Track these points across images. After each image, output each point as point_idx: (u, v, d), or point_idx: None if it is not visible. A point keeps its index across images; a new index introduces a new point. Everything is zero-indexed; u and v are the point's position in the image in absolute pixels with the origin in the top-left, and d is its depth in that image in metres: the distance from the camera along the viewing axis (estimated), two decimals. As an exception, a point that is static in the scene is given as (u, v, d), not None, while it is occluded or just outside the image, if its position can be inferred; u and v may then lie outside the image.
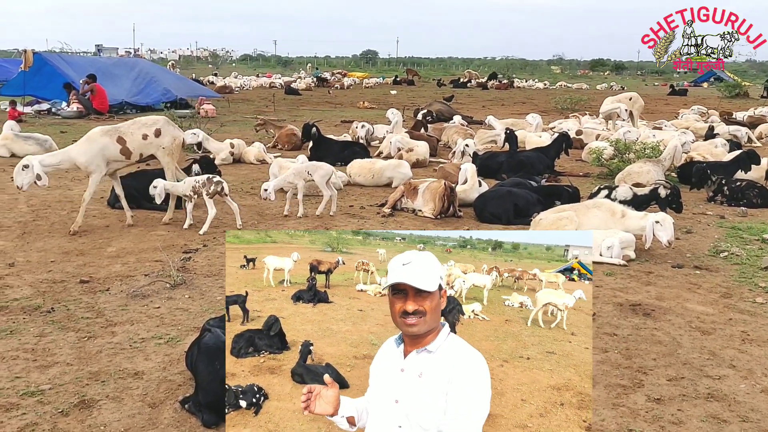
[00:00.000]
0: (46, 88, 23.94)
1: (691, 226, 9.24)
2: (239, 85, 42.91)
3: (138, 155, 8.53)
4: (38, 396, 4.30)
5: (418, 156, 13.88)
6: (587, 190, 10.65)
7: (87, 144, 8.25)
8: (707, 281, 7.00)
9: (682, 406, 4.35)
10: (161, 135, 8.57)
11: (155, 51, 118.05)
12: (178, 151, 8.89)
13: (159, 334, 5.32)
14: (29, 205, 9.74)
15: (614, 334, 5.54)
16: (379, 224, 9.16)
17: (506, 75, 58.63)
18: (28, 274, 6.78)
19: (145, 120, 8.76)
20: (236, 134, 16.94)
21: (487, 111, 26.21)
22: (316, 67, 70.83)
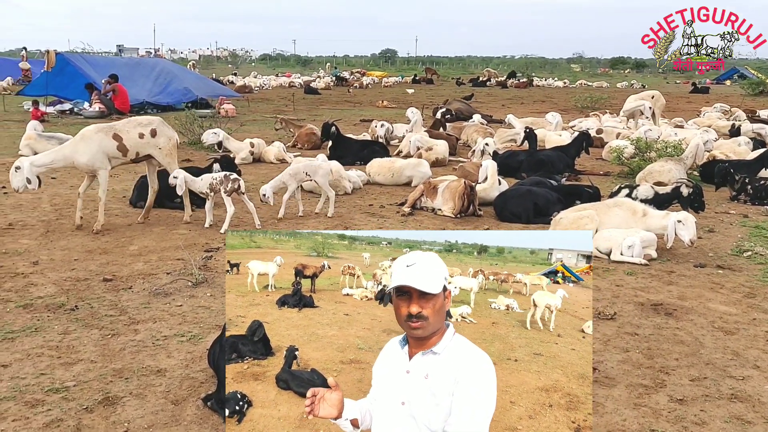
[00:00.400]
0: (68, 88, 24.19)
1: (714, 225, 9.16)
2: (259, 84, 43.07)
3: (134, 153, 8.52)
4: (63, 392, 4.36)
5: (437, 155, 13.87)
6: (608, 189, 10.59)
7: (84, 143, 8.24)
8: (730, 281, 6.93)
9: (705, 406, 4.32)
10: (157, 135, 8.60)
11: (175, 51, 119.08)
12: (175, 150, 8.88)
13: (181, 332, 5.37)
14: (52, 204, 9.86)
15: (635, 334, 5.50)
16: (398, 223, 9.17)
17: (525, 73, 58.32)
18: (52, 272, 6.86)
19: (140, 119, 8.80)
20: (256, 134, 17.02)
21: (506, 110, 26.13)
22: (335, 67, 70.91)
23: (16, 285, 6.44)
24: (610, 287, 6.70)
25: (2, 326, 5.43)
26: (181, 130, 16.36)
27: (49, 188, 10.75)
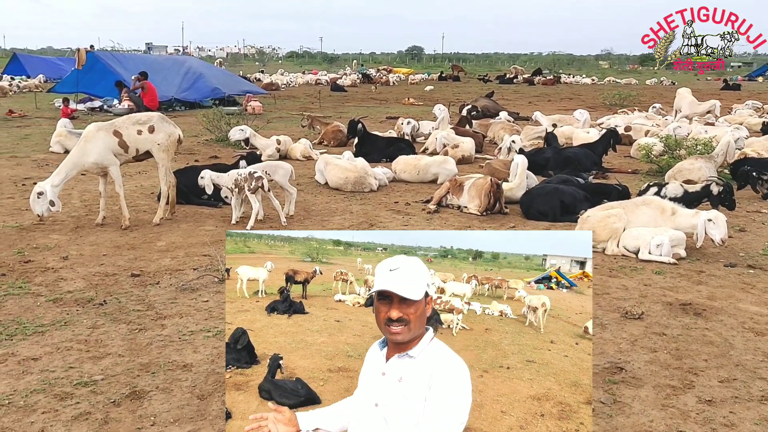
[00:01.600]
0: (98, 85, 24.49)
1: (745, 225, 9.01)
2: (285, 82, 43.29)
3: (135, 150, 8.53)
4: (91, 386, 4.42)
5: (463, 152, 13.82)
6: (636, 187, 10.47)
7: (89, 144, 8.31)
8: (761, 281, 6.81)
9: (735, 408, 4.25)
10: (155, 131, 8.57)
11: (203, 49, 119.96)
12: (174, 147, 8.82)
13: (207, 327, 5.41)
14: (82, 200, 9.99)
15: (663, 334, 5.43)
16: (424, 221, 9.15)
17: (553, 71, 57.85)
18: (81, 267, 6.96)
19: (138, 116, 8.81)
20: (282, 131, 17.08)
21: (533, 107, 25.97)
22: (361, 64, 70.99)
23: (46, 279, 6.54)
24: (638, 286, 6.62)
25: (33, 320, 5.52)
26: (208, 127, 16.54)
27: (80, 184, 10.91)
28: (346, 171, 11.06)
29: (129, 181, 11.22)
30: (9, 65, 44.50)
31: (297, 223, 8.94)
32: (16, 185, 11.00)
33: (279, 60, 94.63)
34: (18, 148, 15.15)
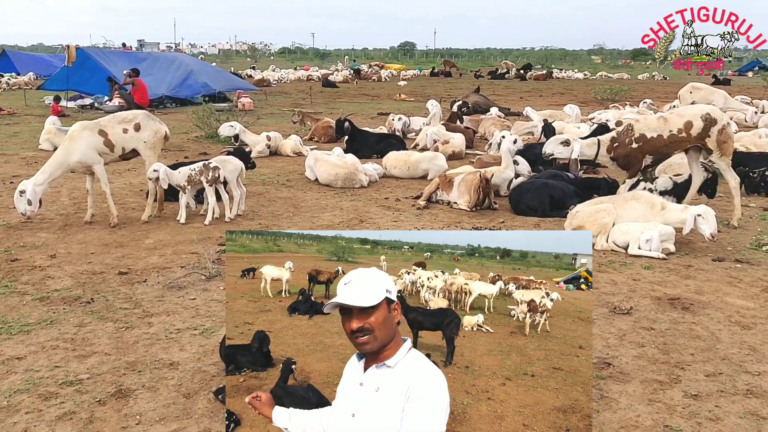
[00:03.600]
0: (89, 82, 24.35)
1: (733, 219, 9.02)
2: (277, 78, 43.23)
3: (121, 149, 8.49)
4: (77, 385, 4.39)
5: (454, 148, 13.80)
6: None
7: (73, 143, 8.26)
8: (748, 275, 6.83)
9: (720, 402, 4.26)
10: (141, 129, 8.54)
11: (195, 45, 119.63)
12: (161, 144, 8.80)
13: (194, 325, 5.39)
14: (71, 198, 9.95)
15: (651, 329, 5.44)
16: (413, 216, 9.14)
17: (545, 65, 57.87)
18: (68, 265, 6.92)
19: (124, 115, 8.76)
20: (273, 127, 17.04)
21: (524, 102, 25.98)
22: (353, 60, 70.84)
23: (33, 278, 6.51)
24: (626, 281, 6.63)
25: (19, 318, 5.49)
26: (198, 124, 16.48)
27: (69, 182, 10.85)
28: (336, 167, 11.04)
29: (118, 179, 11.17)
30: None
31: (286, 220, 8.91)
32: (3, 183, 10.94)
33: (271, 56, 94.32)
34: (7, 145, 15.05)
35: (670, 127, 8.27)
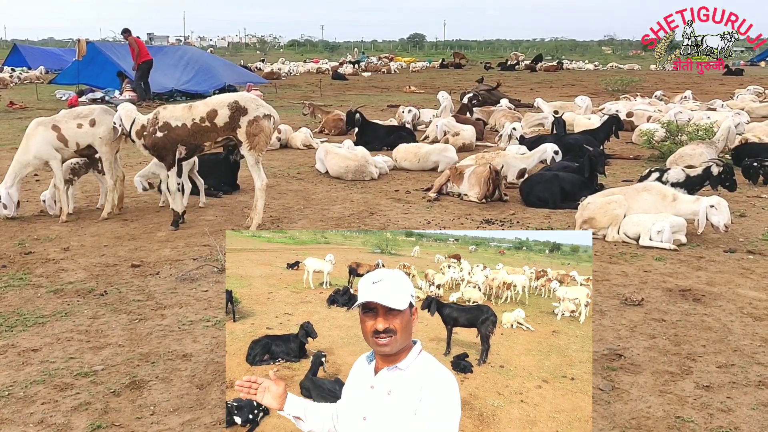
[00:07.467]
0: (100, 76, 24.47)
1: (745, 210, 8.99)
2: (286, 70, 43.22)
3: (75, 144, 8.37)
4: (91, 376, 4.44)
5: (464, 140, 13.78)
6: (637, 173, 10.45)
7: (29, 140, 8.27)
8: (761, 266, 6.81)
9: (732, 393, 4.26)
10: (96, 125, 8.38)
11: (205, 38, 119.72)
12: (118, 141, 8.55)
13: (207, 317, 5.43)
14: (84, 191, 10.01)
15: (663, 320, 5.44)
16: (424, 209, 9.15)
17: (555, 56, 57.59)
18: (82, 258, 6.98)
19: (80, 110, 8.69)
20: (283, 120, 17.00)
21: (535, 93, 25.90)
22: (362, 52, 70.74)
23: (47, 270, 6.57)
24: (638, 273, 6.62)
25: (33, 311, 5.55)
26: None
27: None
28: (347, 160, 11.06)
29: (129, 172, 11.19)
30: (9, 56, 44.37)
31: (297, 213, 8.93)
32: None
33: (280, 49, 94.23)
34: (19, 139, 14.94)
35: (193, 116, 7.70)
